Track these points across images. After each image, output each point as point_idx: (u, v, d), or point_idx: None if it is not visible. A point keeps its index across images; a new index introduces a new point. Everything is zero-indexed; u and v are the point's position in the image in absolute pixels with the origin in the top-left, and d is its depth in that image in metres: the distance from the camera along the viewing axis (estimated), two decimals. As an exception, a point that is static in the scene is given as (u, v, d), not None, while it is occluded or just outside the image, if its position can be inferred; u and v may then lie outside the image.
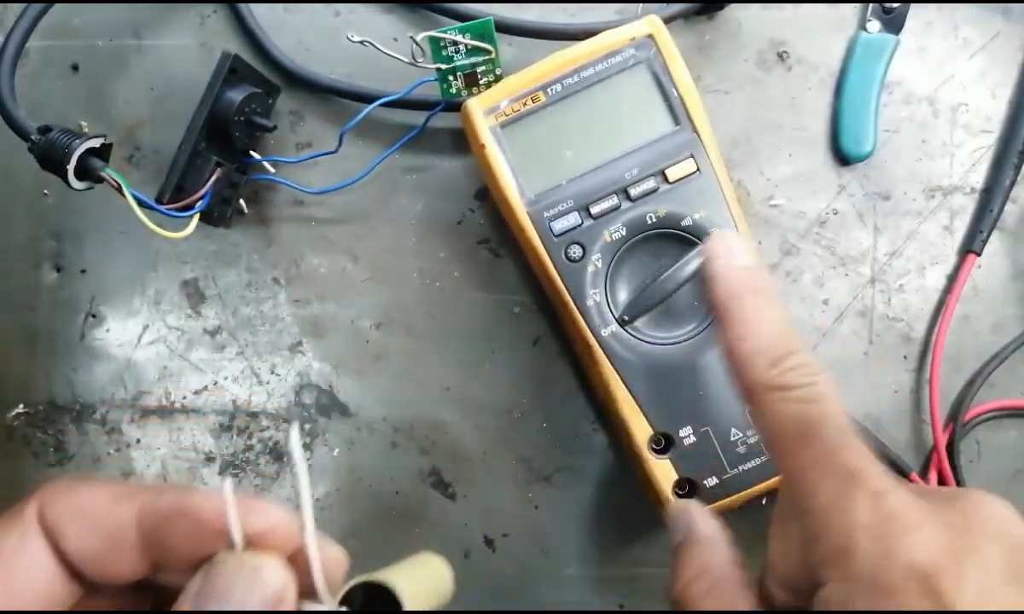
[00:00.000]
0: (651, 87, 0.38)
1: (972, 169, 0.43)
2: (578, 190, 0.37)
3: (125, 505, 0.23)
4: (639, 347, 0.37)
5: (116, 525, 0.23)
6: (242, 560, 0.22)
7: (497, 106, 0.37)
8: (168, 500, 0.23)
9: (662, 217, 0.37)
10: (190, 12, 0.45)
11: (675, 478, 0.37)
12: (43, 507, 0.23)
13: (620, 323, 0.37)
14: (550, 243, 0.37)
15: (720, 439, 0.37)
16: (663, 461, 0.37)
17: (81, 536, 0.23)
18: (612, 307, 0.37)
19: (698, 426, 0.37)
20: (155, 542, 0.23)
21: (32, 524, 0.23)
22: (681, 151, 0.37)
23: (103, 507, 0.23)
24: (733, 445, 0.37)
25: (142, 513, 0.23)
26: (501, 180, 0.37)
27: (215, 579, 0.22)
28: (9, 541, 0.23)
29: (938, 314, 0.42)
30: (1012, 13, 0.44)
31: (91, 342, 0.44)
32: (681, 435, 0.37)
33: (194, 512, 0.23)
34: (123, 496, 0.23)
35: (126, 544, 0.23)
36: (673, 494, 0.37)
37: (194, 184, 0.39)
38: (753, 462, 0.37)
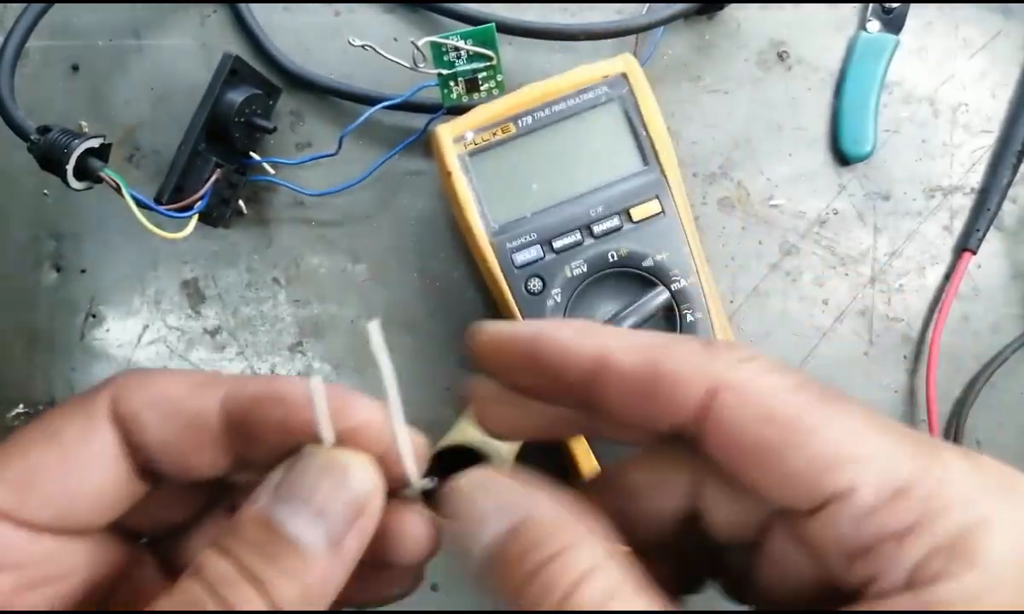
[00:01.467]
0: (621, 125, 0.38)
1: (972, 169, 0.43)
2: (542, 224, 0.37)
3: (208, 392, 0.22)
4: None
5: (198, 413, 0.22)
6: (331, 456, 0.21)
7: (466, 135, 0.37)
8: (255, 387, 0.22)
9: (624, 256, 0.37)
10: (190, 12, 0.45)
11: None
12: (117, 398, 0.22)
13: None
14: (511, 275, 0.37)
15: None
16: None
17: (160, 426, 0.22)
18: None
19: None
20: (240, 432, 0.22)
21: (101, 414, 0.22)
22: (647, 191, 0.37)
23: (184, 395, 0.22)
24: None
25: (227, 400, 0.22)
26: (466, 208, 0.37)
27: (300, 475, 0.20)
28: (72, 430, 0.21)
29: (935, 313, 0.42)
30: (1012, 13, 0.44)
31: (91, 342, 0.44)
32: None
33: (284, 398, 0.21)
34: (205, 384, 0.22)
35: (208, 434, 0.22)
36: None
37: (193, 185, 0.39)
38: None
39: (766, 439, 0.18)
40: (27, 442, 0.21)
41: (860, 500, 0.17)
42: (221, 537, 0.20)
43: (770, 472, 0.18)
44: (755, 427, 0.19)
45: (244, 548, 0.19)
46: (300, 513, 0.20)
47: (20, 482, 0.20)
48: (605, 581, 0.18)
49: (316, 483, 0.20)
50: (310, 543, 0.20)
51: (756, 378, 0.19)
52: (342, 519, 0.20)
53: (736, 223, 0.43)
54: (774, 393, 0.19)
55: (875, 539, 0.17)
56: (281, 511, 0.20)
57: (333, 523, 0.20)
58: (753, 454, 0.19)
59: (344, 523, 0.20)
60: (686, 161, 0.43)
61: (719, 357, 0.20)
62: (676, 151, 0.38)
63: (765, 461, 0.19)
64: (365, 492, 0.20)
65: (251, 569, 0.19)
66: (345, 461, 0.21)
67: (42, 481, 0.20)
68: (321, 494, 0.20)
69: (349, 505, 0.20)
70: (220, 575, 0.19)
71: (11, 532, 0.20)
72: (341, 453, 0.21)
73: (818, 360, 0.43)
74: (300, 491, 0.20)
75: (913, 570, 0.17)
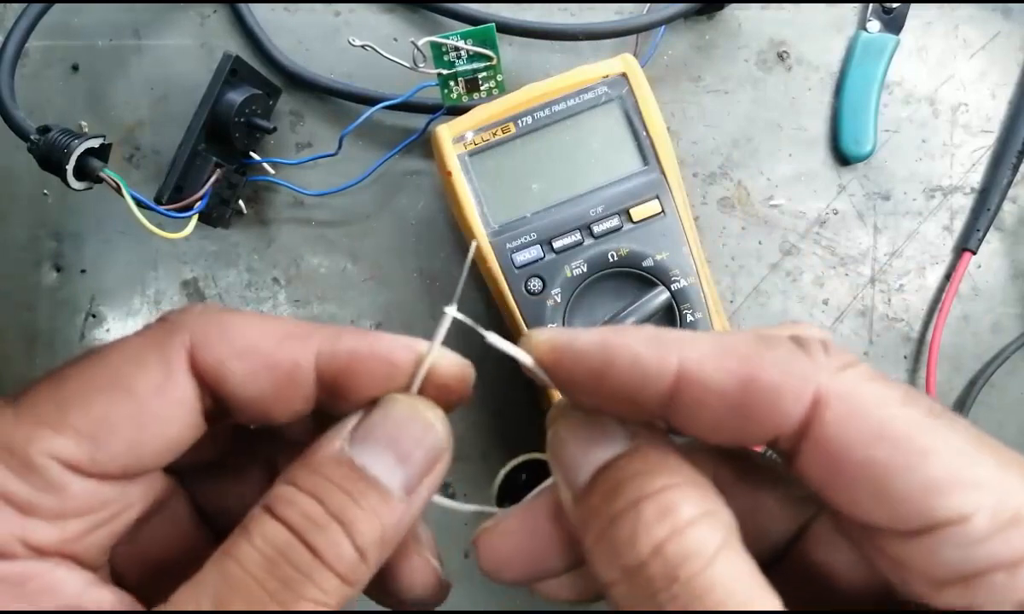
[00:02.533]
0: (621, 126, 0.38)
1: (972, 169, 0.43)
2: (542, 224, 0.37)
3: (299, 345, 0.21)
4: None
5: (292, 367, 0.21)
6: (415, 406, 0.21)
7: (466, 135, 0.37)
8: (351, 342, 0.21)
9: (624, 256, 0.37)
10: (190, 12, 0.45)
11: None
12: (197, 345, 0.21)
13: None
14: (511, 275, 0.37)
15: None
16: None
17: (249, 379, 0.21)
18: None
19: None
20: (334, 384, 0.21)
21: (179, 365, 0.20)
22: (647, 191, 0.37)
23: (274, 347, 0.21)
24: None
25: (322, 355, 0.21)
26: (466, 208, 0.37)
27: (383, 420, 0.21)
28: (147, 381, 0.20)
29: (935, 312, 0.42)
30: (1012, 13, 0.44)
31: (91, 342, 0.44)
32: None
33: (386, 355, 0.21)
34: (294, 335, 0.21)
35: (301, 387, 0.21)
36: None
37: (193, 185, 0.39)
38: None
39: (877, 459, 0.17)
40: (94, 386, 0.20)
41: (973, 528, 0.16)
42: (297, 475, 0.20)
43: (875, 493, 0.17)
44: (865, 446, 0.17)
45: (327, 486, 0.19)
46: (382, 456, 0.20)
47: (90, 434, 0.19)
48: (709, 535, 0.17)
49: (400, 429, 0.21)
50: (391, 486, 0.20)
51: (861, 387, 0.18)
52: (421, 467, 0.20)
53: (736, 223, 0.43)
54: (883, 406, 0.18)
55: (984, 568, 0.16)
56: (363, 453, 0.20)
57: (412, 469, 0.20)
58: (860, 473, 0.17)
59: (422, 471, 0.21)
60: (686, 161, 0.43)
61: (819, 362, 0.18)
62: (676, 151, 0.38)
63: (872, 482, 0.17)
64: (443, 445, 0.21)
65: (335, 508, 0.19)
66: (428, 412, 0.21)
67: (114, 435, 0.20)
68: (404, 440, 0.20)
69: (428, 455, 0.21)
70: (306, 514, 0.19)
71: (78, 482, 0.20)
72: (423, 404, 0.21)
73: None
74: (383, 435, 0.20)
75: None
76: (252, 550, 0.19)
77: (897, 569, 0.18)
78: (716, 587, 0.17)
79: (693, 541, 0.17)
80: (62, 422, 0.19)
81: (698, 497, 0.18)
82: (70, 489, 0.19)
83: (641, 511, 0.18)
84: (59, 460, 0.19)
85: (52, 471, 0.19)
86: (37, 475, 0.19)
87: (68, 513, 0.20)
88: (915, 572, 0.17)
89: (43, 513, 0.19)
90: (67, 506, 0.20)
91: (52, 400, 0.20)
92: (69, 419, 0.19)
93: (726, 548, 0.17)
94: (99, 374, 0.20)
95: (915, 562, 0.17)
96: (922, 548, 0.17)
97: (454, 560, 0.42)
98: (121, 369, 0.20)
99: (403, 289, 0.43)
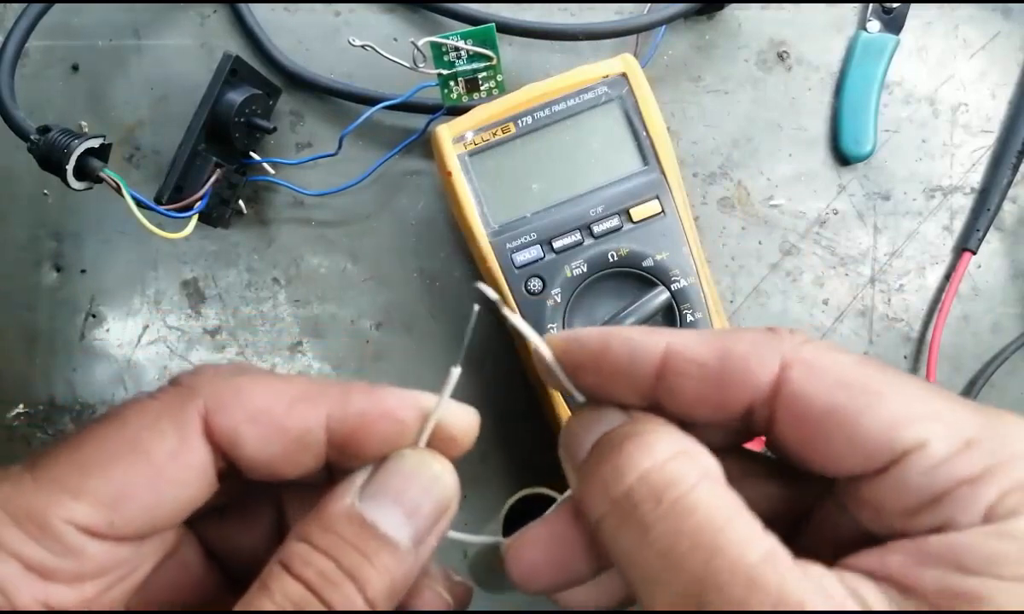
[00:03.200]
0: (621, 126, 0.38)
1: (972, 169, 0.43)
2: (542, 224, 0.37)
3: (310, 409, 0.22)
4: None
5: (303, 431, 0.22)
6: (422, 459, 0.22)
7: (466, 135, 0.37)
8: (361, 403, 0.22)
9: (624, 256, 0.37)
10: (190, 12, 0.45)
11: None
12: (212, 412, 0.21)
13: None
14: (511, 275, 0.37)
15: None
16: None
17: (261, 443, 0.21)
18: None
19: None
20: (344, 445, 0.22)
21: (194, 430, 0.21)
22: (647, 191, 0.37)
23: (285, 412, 0.22)
24: None
25: (332, 418, 0.22)
26: (466, 208, 0.37)
27: (392, 475, 0.21)
28: (163, 447, 0.21)
29: (935, 312, 0.42)
30: (1012, 13, 0.44)
31: (91, 342, 0.44)
32: None
33: (394, 414, 0.22)
34: (304, 399, 0.22)
35: (312, 448, 0.22)
36: None
37: (193, 185, 0.39)
38: None
39: (840, 403, 0.19)
40: (111, 452, 0.21)
41: (932, 452, 0.18)
42: (310, 532, 0.21)
43: (842, 436, 0.19)
44: (828, 393, 0.19)
45: (340, 545, 0.20)
46: (392, 511, 0.21)
47: (108, 500, 0.20)
48: (689, 467, 0.19)
49: (408, 484, 0.21)
50: (401, 540, 0.21)
51: (822, 354, 0.20)
52: (429, 519, 0.21)
53: (736, 223, 0.43)
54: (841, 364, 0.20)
55: (948, 487, 0.18)
56: (373, 509, 0.21)
57: (421, 522, 0.21)
58: (827, 419, 0.19)
59: (430, 523, 0.21)
60: (686, 161, 0.43)
61: (784, 339, 0.20)
62: (676, 151, 0.38)
63: (838, 426, 0.19)
64: (451, 495, 0.22)
65: (348, 566, 0.20)
66: (435, 464, 0.22)
67: (131, 500, 0.20)
68: (413, 494, 0.21)
69: (436, 507, 0.21)
70: (322, 573, 0.20)
71: (98, 545, 0.20)
72: (431, 456, 0.22)
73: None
74: (392, 490, 0.21)
75: (988, 509, 0.18)
76: (272, 605, 0.20)
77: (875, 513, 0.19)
78: (699, 508, 0.18)
79: (675, 470, 0.19)
80: (80, 488, 0.20)
81: (680, 438, 0.20)
82: (88, 553, 0.20)
83: (625, 449, 0.20)
84: (77, 526, 0.20)
85: (71, 537, 0.20)
86: (56, 541, 0.20)
87: (86, 576, 0.20)
88: (890, 507, 0.19)
89: (62, 577, 0.20)
90: (85, 569, 0.20)
91: (70, 466, 0.21)
92: (87, 485, 0.20)
93: (707, 479, 0.19)
94: (116, 440, 0.21)
95: (888, 497, 0.19)
96: (892, 481, 0.19)
97: (453, 560, 0.42)
98: (138, 436, 0.21)
99: (403, 289, 0.43)
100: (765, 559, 0.17)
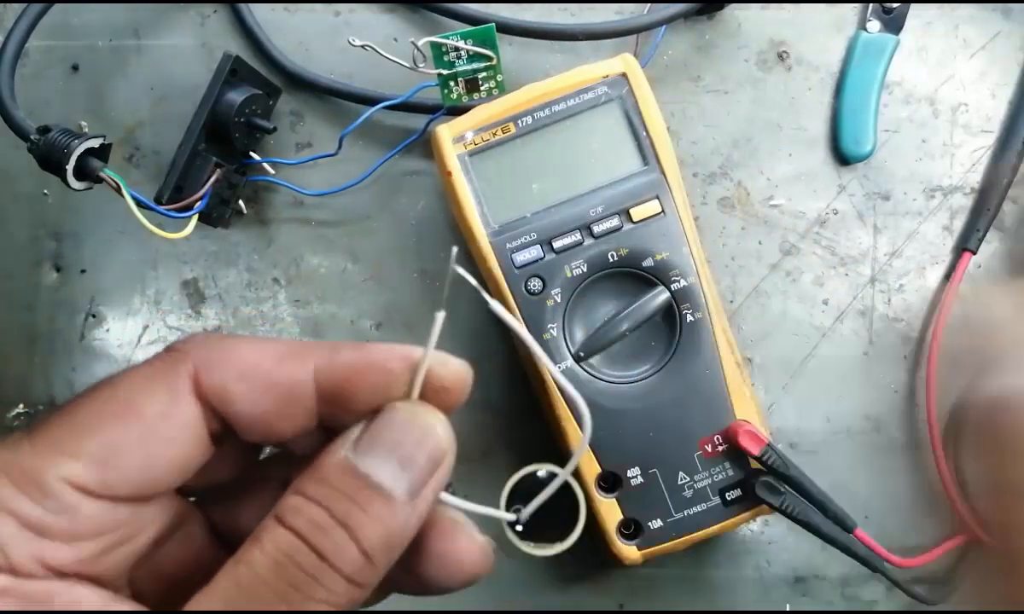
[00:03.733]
0: (621, 125, 0.38)
1: (972, 169, 0.43)
2: (542, 224, 0.37)
3: (298, 364, 0.22)
4: (593, 384, 0.37)
5: (292, 385, 0.22)
6: (415, 411, 0.22)
7: (466, 135, 0.37)
8: (348, 357, 0.22)
9: (624, 256, 0.37)
10: (190, 12, 0.45)
11: (620, 518, 0.37)
12: (200, 369, 0.22)
13: (576, 359, 0.37)
14: (510, 275, 0.37)
15: (667, 482, 0.37)
16: (609, 500, 0.37)
17: (252, 399, 0.22)
18: (568, 343, 0.37)
19: (646, 467, 0.37)
20: (334, 398, 0.22)
21: (184, 388, 0.22)
22: (647, 191, 0.37)
23: (274, 367, 0.22)
24: (680, 489, 0.37)
25: (320, 371, 0.22)
26: (466, 208, 0.37)
27: (385, 427, 0.22)
28: (154, 405, 0.21)
29: (935, 312, 0.42)
30: (1012, 13, 0.44)
31: (91, 342, 0.44)
32: (629, 475, 0.37)
33: (382, 365, 0.22)
34: (292, 355, 0.22)
35: (302, 403, 0.22)
36: (618, 535, 0.37)
37: (193, 185, 0.39)
38: (698, 507, 0.37)
39: None
40: (105, 413, 0.21)
41: None
42: (304, 485, 0.21)
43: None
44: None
45: (333, 494, 0.20)
46: (385, 462, 0.21)
47: (101, 458, 0.20)
48: None
49: (401, 435, 0.21)
50: (395, 490, 0.21)
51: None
52: (423, 470, 0.21)
53: (736, 223, 0.43)
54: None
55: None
56: (366, 460, 0.21)
57: (415, 473, 0.21)
58: None
59: (425, 474, 0.21)
60: (686, 161, 0.43)
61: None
62: (676, 151, 0.38)
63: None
64: (444, 447, 0.22)
65: (340, 514, 0.20)
66: (428, 416, 0.22)
67: (124, 458, 0.21)
68: (406, 445, 0.21)
69: (430, 458, 0.21)
70: (313, 521, 0.20)
71: (92, 504, 0.21)
72: (423, 408, 0.22)
73: (818, 360, 0.43)
74: (385, 442, 0.21)
75: None
76: (262, 555, 0.20)
77: None
78: None
79: None
80: (75, 449, 0.20)
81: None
82: (83, 511, 0.20)
83: None
84: (71, 483, 0.20)
85: (65, 494, 0.20)
86: (51, 498, 0.20)
87: (82, 534, 0.21)
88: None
89: (57, 534, 0.20)
90: (81, 528, 0.20)
91: (65, 428, 0.21)
92: (81, 445, 0.20)
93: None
94: (109, 402, 0.21)
95: None
96: None
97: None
98: (130, 396, 0.21)
99: (403, 289, 0.43)
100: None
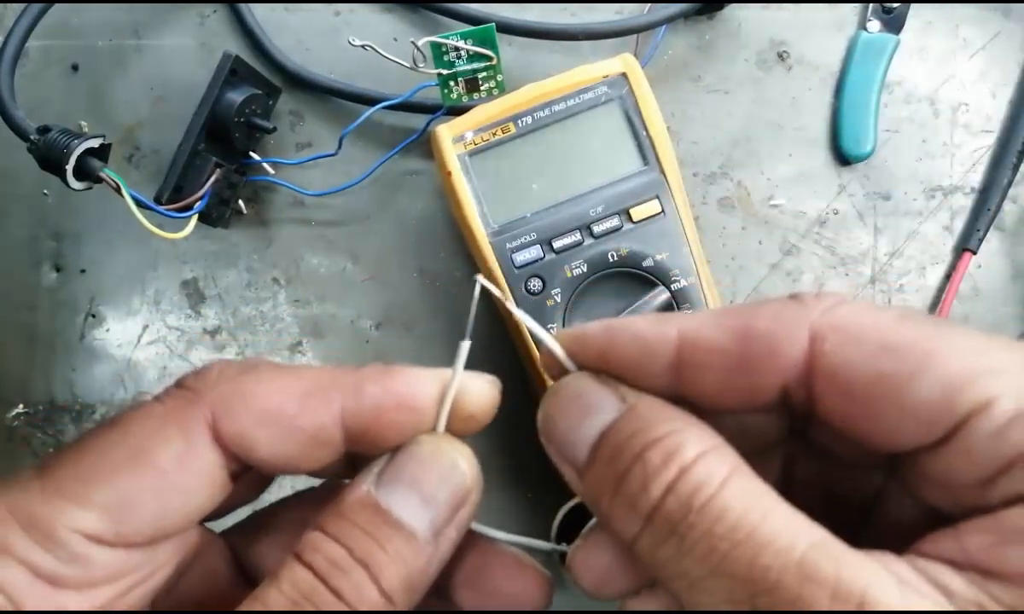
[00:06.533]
0: (621, 126, 0.38)
1: (972, 169, 0.43)
2: (542, 224, 0.37)
3: (323, 405, 0.21)
4: None
5: (317, 429, 0.21)
6: (439, 446, 0.21)
7: (466, 135, 0.37)
8: (375, 394, 0.21)
9: (624, 256, 0.37)
10: (190, 12, 0.45)
11: None
12: (218, 415, 0.21)
13: None
14: (511, 275, 0.37)
15: None
16: None
17: (276, 445, 0.21)
18: None
19: None
20: (360, 438, 0.21)
21: (201, 436, 0.21)
22: (647, 191, 0.37)
23: (297, 411, 0.21)
24: None
25: (347, 412, 0.21)
26: (466, 208, 0.37)
27: (407, 462, 0.21)
28: (168, 454, 0.20)
29: (935, 312, 0.42)
30: (1012, 13, 0.44)
31: (91, 342, 0.44)
32: None
33: (410, 404, 0.21)
34: (316, 394, 0.21)
35: (329, 446, 0.21)
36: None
37: (193, 185, 0.39)
38: None
39: (885, 371, 0.17)
40: (117, 460, 0.20)
41: (999, 410, 0.16)
42: (325, 521, 0.20)
43: (893, 407, 0.17)
44: (873, 361, 0.17)
45: (353, 531, 0.20)
46: (408, 499, 0.20)
47: (115, 508, 0.20)
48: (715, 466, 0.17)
49: (424, 471, 0.21)
50: (417, 528, 0.20)
51: (854, 316, 0.18)
52: (446, 508, 0.20)
53: (736, 223, 0.43)
54: (880, 326, 0.17)
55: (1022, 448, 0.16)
56: (388, 496, 0.20)
57: (438, 511, 0.20)
58: (874, 391, 0.17)
59: (448, 512, 0.20)
60: (686, 161, 0.43)
61: (809, 305, 0.18)
62: (676, 151, 0.38)
63: (887, 395, 0.17)
64: (469, 485, 0.21)
65: (360, 553, 0.19)
66: (452, 452, 0.21)
67: (138, 507, 0.20)
68: (428, 482, 0.20)
69: (454, 495, 0.21)
70: (331, 559, 0.19)
71: (105, 553, 0.20)
72: (448, 443, 0.21)
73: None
74: (407, 478, 0.20)
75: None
76: (278, 595, 0.19)
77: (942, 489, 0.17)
78: (729, 508, 0.17)
79: (702, 473, 0.17)
80: (86, 497, 0.20)
81: (699, 436, 0.18)
82: (96, 561, 0.20)
83: (647, 461, 0.18)
84: (84, 534, 0.20)
85: (77, 545, 0.20)
86: (62, 548, 0.20)
87: (96, 582, 0.20)
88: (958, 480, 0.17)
89: (71, 584, 0.20)
90: (94, 576, 0.20)
91: (76, 474, 0.20)
92: (93, 495, 0.20)
93: (735, 474, 0.17)
94: (120, 447, 0.21)
95: (955, 469, 0.17)
96: (957, 450, 0.16)
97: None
98: (143, 442, 0.21)
99: (403, 289, 0.43)
100: (815, 548, 0.16)
